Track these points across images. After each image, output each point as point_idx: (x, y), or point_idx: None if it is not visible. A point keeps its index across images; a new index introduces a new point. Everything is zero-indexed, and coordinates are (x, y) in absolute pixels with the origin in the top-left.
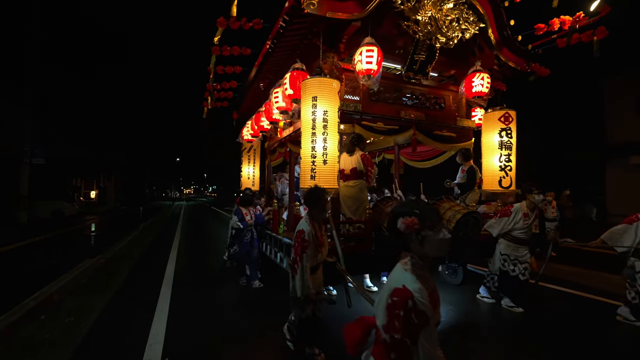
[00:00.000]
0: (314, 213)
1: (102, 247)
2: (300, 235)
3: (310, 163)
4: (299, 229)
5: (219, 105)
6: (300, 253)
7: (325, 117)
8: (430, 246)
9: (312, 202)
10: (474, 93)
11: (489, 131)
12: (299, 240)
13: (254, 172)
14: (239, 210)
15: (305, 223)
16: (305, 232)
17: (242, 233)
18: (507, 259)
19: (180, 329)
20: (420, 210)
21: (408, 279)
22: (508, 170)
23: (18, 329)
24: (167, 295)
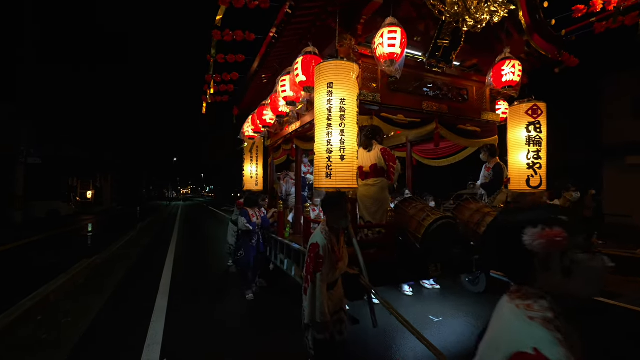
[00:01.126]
0: (331, 221)
1: (99, 247)
2: (313, 250)
3: (326, 159)
4: (312, 241)
5: (219, 99)
6: (313, 272)
7: (343, 106)
8: (582, 278)
9: (330, 207)
10: (504, 82)
11: (515, 126)
12: (312, 256)
13: (257, 171)
14: (245, 212)
15: (320, 235)
16: (320, 246)
17: (250, 235)
18: None
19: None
20: (567, 218)
21: (542, 339)
22: (537, 168)
23: (15, 329)
24: (163, 309)
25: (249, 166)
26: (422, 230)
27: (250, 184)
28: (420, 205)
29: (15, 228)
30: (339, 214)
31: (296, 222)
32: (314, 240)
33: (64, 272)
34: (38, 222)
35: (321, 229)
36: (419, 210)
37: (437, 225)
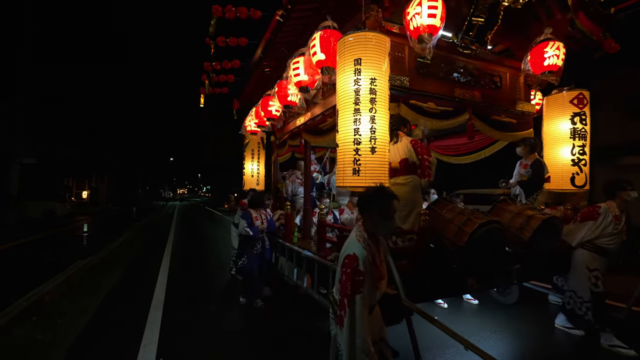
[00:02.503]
0: (371, 224)
1: (94, 248)
2: (351, 264)
3: (353, 152)
4: (348, 252)
5: (218, 91)
6: (351, 293)
7: (373, 87)
8: None
9: (373, 208)
10: (545, 67)
11: (556, 117)
12: (349, 272)
13: (259, 169)
14: (247, 214)
15: (357, 243)
16: (359, 258)
17: (252, 242)
18: (599, 275)
19: None
20: None
21: None
22: (582, 165)
23: (11, 329)
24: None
25: (249, 164)
26: (465, 238)
27: (250, 183)
28: (457, 207)
29: (10, 228)
30: (382, 215)
31: (305, 226)
32: (349, 251)
33: (59, 273)
34: (33, 222)
35: (357, 236)
36: (457, 214)
37: (483, 231)
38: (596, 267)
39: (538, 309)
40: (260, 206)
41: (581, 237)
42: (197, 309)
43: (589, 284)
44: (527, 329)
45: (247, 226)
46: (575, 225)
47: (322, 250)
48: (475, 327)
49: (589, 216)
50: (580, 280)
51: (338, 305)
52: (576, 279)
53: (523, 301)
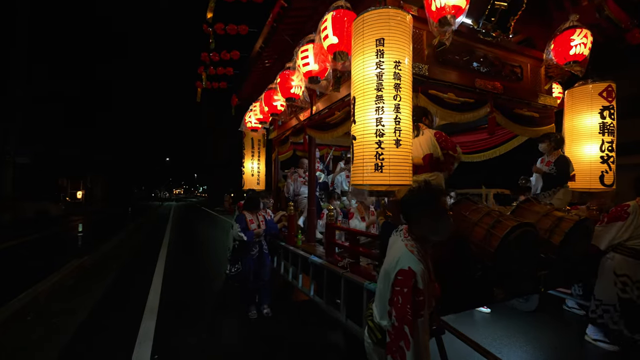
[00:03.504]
0: (425, 229)
1: (89, 248)
2: (408, 282)
3: (375, 145)
4: (401, 266)
5: (216, 86)
6: (413, 318)
7: (398, 71)
8: None
9: (425, 210)
10: (571, 56)
11: (582, 111)
12: (408, 291)
13: (259, 168)
14: (241, 217)
15: (411, 255)
16: (417, 274)
17: (247, 247)
18: (628, 281)
19: None
20: None
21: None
22: (611, 162)
23: (5, 329)
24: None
25: (249, 162)
26: (496, 242)
27: (250, 182)
28: (484, 207)
29: (4, 229)
30: (437, 217)
31: (310, 228)
32: (403, 265)
33: (53, 273)
34: (27, 222)
35: (408, 245)
36: (484, 215)
37: (517, 235)
38: (625, 273)
39: (557, 317)
40: (256, 208)
41: (610, 240)
42: (192, 317)
43: (616, 290)
44: (541, 334)
45: (240, 230)
46: (603, 227)
47: (331, 255)
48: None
49: (617, 216)
50: (606, 287)
51: (393, 333)
52: (602, 286)
53: (542, 308)
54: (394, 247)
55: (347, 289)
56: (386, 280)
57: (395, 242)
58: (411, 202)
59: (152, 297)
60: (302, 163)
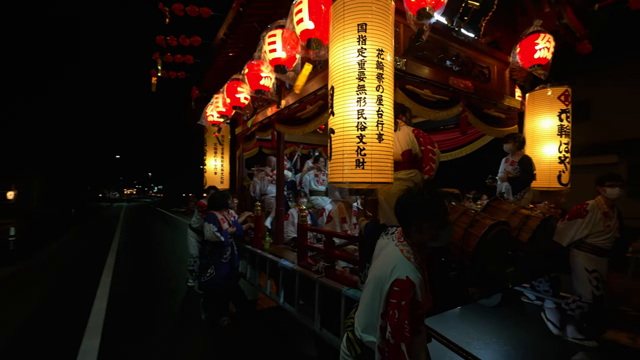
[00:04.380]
0: (428, 237)
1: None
2: (406, 294)
3: (356, 140)
4: (397, 276)
5: (174, 75)
6: (411, 334)
7: (381, 61)
8: None
9: (426, 214)
10: (535, 60)
11: (543, 113)
12: (406, 305)
13: (223, 166)
14: (212, 216)
15: (408, 263)
16: (416, 285)
17: (221, 249)
18: (599, 277)
19: None
20: None
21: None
22: (567, 162)
23: None
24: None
25: (212, 160)
26: (474, 242)
27: (213, 181)
28: (459, 206)
29: None
30: (439, 222)
31: (278, 230)
32: (399, 274)
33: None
34: None
35: (404, 251)
36: (460, 214)
37: (494, 234)
38: (595, 269)
39: (518, 310)
40: (224, 207)
41: (571, 237)
42: (146, 334)
43: (591, 287)
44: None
45: (217, 231)
46: (564, 224)
47: (303, 259)
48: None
49: (577, 214)
50: (583, 284)
51: (387, 351)
52: (579, 283)
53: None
54: (385, 253)
55: (323, 295)
56: (377, 290)
57: (387, 247)
58: (412, 205)
59: (97, 307)
60: (270, 161)
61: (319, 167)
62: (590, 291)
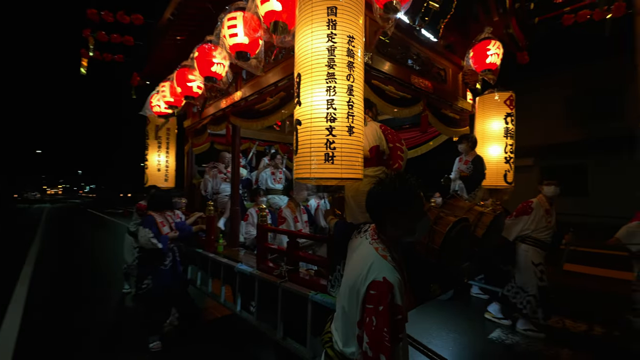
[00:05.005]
0: (399, 232)
1: None
2: (384, 298)
3: (326, 131)
4: (375, 277)
5: (109, 58)
6: (391, 343)
7: (351, 47)
8: None
9: (403, 205)
10: (487, 65)
11: (492, 116)
12: (385, 310)
13: (168, 162)
14: (150, 220)
15: (384, 262)
16: (395, 286)
17: (159, 256)
18: (544, 269)
19: None
20: None
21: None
22: (512, 162)
23: None
24: None
25: (155, 155)
26: (440, 239)
27: (156, 179)
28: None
29: None
30: (416, 213)
31: (233, 231)
32: (376, 275)
33: None
34: None
35: (379, 249)
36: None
37: (458, 230)
38: (540, 262)
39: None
40: (167, 208)
41: (518, 232)
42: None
43: (536, 279)
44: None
45: (153, 236)
46: (512, 220)
47: (263, 263)
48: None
49: (523, 211)
50: (528, 276)
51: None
52: (524, 275)
53: (458, 297)
54: (359, 253)
55: (286, 301)
56: (352, 296)
57: (361, 246)
58: (384, 198)
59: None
60: (223, 157)
61: (276, 164)
62: (536, 283)
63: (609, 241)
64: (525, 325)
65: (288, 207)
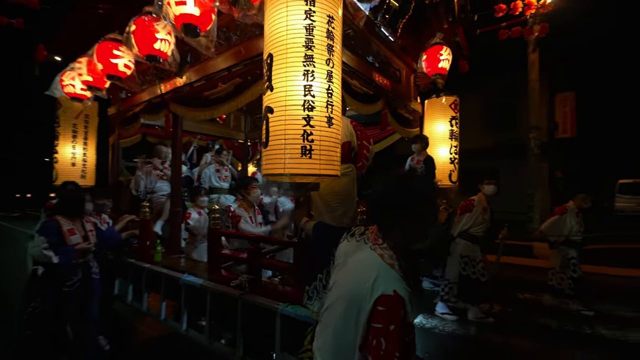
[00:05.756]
0: (410, 237)
1: None
2: (395, 314)
3: (303, 121)
4: (384, 290)
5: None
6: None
7: (331, 29)
8: None
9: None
10: (438, 69)
11: (439, 119)
12: (395, 328)
13: (86, 155)
14: (51, 225)
15: (392, 272)
16: (406, 301)
17: (61, 273)
18: (468, 261)
19: None
20: None
21: None
22: (456, 163)
23: None
24: None
25: (69, 147)
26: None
27: (70, 175)
28: None
29: None
30: (430, 221)
31: (173, 236)
32: (386, 288)
33: None
34: None
35: (385, 256)
36: None
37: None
38: (467, 254)
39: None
40: (78, 211)
41: (460, 228)
42: None
43: (459, 269)
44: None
45: (47, 247)
46: (457, 217)
47: (216, 272)
48: None
49: (466, 209)
50: (452, 266)
51: None
52: (450, 267)
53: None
54: (356, 260)
55: (248, 316)
56: (349, 313)
57: (358, 252)
58: (397, 199)
59: None
60: (159, 151)
61: (221, 160)
62: (458, 272)
63: (533, 233)
64: (476, 313)
65: (241, 207)
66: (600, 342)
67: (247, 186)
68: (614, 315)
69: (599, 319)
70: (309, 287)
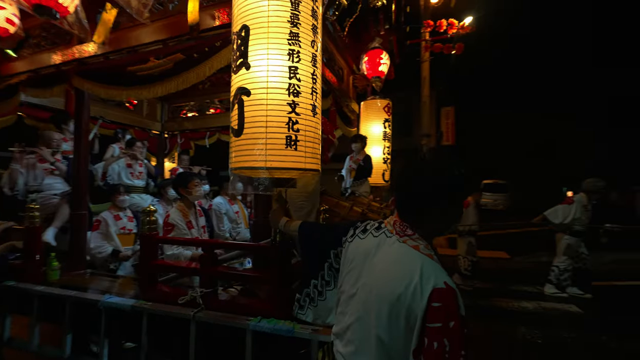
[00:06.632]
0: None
1: None
2: (451, 310)
3: (288, 108)
4: (435, 284)
5: None
6: None
7: (316, 7)
8: None
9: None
10: (378, 72)
11: (373, 121)
12: (455, 325)
13: None
14: None
15: (436, 265)
16: (458, 292)
17: None
18: None
19: None
20: None
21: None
22: (389, 163)
23: None
24: None
25: None
26: None
27: None
28: (343, 200)
29: None
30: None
31: (77, 247)
32: (436, 282)
33: None
34: None
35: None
36: (349, 210)
37: None
38: None
39: None
40: None
41: None
42: None
43: None
44: None
45: None
46: None
47: (153, 288)
48: None
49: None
50: None
51: None
52: None
53: None
54: (384, 257)
55: (205, 338)
56: (395, 318)
57: (384, 247)
58: (433, 186)
59: None
60: (49, 138)
61: (134, 154)
62: None
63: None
64: None
65: (178, 209)
66: None
67: (188, 184)
68: None
69: None
70: (300, 295)
